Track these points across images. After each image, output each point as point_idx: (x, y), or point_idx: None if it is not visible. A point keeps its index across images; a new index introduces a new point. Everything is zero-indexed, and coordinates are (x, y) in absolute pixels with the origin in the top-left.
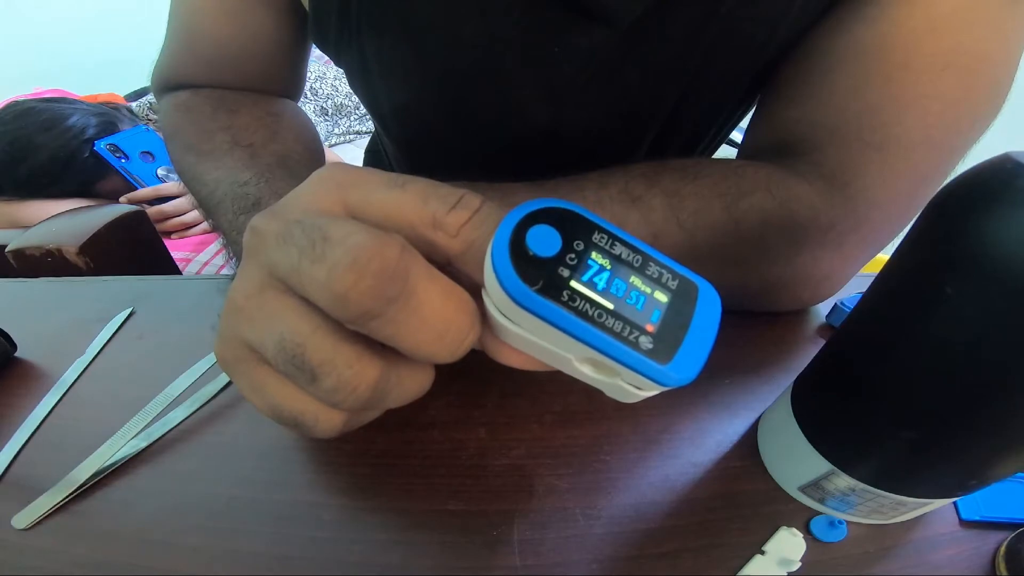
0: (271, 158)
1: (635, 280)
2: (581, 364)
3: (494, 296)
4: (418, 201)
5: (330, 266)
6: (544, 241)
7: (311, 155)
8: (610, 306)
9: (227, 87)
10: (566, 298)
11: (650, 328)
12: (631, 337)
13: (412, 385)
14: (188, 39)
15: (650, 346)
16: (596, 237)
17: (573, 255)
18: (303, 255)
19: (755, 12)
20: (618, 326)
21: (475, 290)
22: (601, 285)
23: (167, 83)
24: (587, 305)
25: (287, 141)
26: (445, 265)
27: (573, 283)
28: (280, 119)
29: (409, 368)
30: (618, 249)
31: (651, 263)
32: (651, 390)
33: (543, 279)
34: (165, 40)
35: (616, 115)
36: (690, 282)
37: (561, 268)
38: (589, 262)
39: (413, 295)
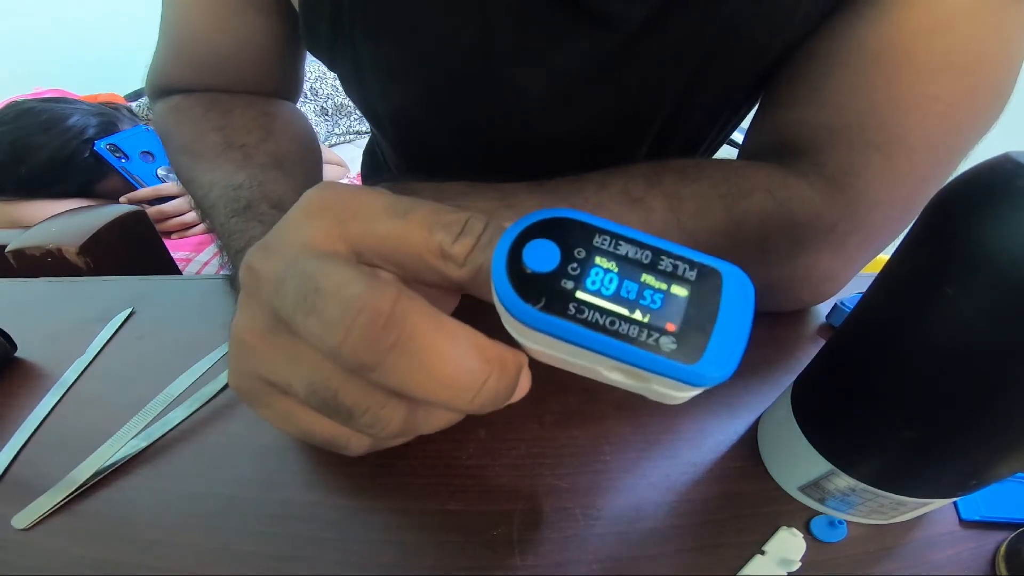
0: (265, 159)
1: (647, 278)
2: (610, 372)
3: (504, 319)
4: (423, 231)
5: (322, 320)
6: (541, 256)
7: (307, 155)
8: (623, 311)
9: (221, 90)
10: (573, 311)
11: (671, 327)
12: (650, 340)
13: (438, 420)
14: (180, 43)
15: (673, 346)
16: (598, 240)
17: (575, 264)
18: (297, 307)
19: (757, 15)
20: (634, 331)
21: None
22: (610, 290)
23: (160, 88)
24: (596, 314)
25: (282, 141)
26: (460, 292)
27: (579, 294)
28: (275, 119)
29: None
30: (623, 248)
31: (663, 257)
32: (691, 391)
33: (545, 295)
34: (157, 44)
35: (616, 117)
36: (711, 269)
37: (564, 280)
38: (593, 269)
39: (411, 342)
